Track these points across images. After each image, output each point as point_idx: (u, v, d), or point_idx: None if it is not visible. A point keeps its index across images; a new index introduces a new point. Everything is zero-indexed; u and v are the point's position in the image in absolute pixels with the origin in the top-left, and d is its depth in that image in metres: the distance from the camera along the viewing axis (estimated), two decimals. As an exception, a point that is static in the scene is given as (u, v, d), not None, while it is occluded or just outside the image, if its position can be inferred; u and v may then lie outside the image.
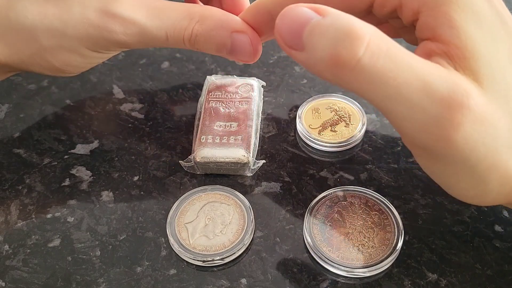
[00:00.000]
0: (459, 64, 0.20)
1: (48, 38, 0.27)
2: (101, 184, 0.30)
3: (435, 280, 0.25)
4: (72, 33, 0.27)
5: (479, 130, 0.19)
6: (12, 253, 0.27)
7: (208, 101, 0.32)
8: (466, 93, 0.19)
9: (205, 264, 0.26)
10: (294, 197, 0.29)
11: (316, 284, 0.25)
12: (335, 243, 0.26)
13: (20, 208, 0.29)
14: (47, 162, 0.31)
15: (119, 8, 0.26)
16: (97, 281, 0.25)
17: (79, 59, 0.28)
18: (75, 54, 0.28)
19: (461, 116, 0.19)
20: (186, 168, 0.30)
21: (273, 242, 0.27)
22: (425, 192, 0.29)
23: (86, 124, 0.34)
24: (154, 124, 0.34)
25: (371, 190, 0.28)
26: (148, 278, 0.26)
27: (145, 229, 0.28)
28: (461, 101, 0.18)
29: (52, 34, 0.27)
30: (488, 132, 0.19)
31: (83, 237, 0.27)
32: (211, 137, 0.30)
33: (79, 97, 0.36)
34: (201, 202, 0.28)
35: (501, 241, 0.27)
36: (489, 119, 0.19)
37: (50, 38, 0.27)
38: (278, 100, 0.35)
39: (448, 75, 0.19)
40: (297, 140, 0.32)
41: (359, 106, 0.33)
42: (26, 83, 0.37)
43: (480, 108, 0.19)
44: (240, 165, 0.29)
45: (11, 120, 0.34)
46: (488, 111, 0.19)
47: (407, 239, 0.27)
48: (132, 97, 0.35)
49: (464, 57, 0.19)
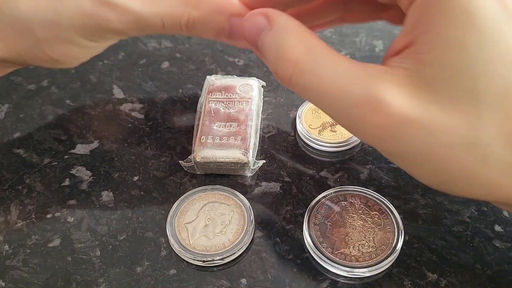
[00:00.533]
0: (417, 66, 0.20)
1: (43, 30, 0.27)
2: (101, 184, 0.30)
3: (435, 280, 0.25)
4: (67, 23, 0.26)
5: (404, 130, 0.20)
6: (12, 253, 0.27)
7: (208, 101, 0.32)
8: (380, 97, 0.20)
9: (205, 264, 0.26)
10: (294, 197, 0.29)
11: (316, 284, 0.25)
12: (335, 243, 0.26)
13: (20, 208, 0.29)
14: (47, 162, 0.31)
15: None
16: (97, 281, 0.25)
17: (76, 49, 0.28)
18: (71, 44, 0.27)
19: (377, 118, 0.20)
20: (186, 168, 0.30)
21: (273, 242, 0.27)
22: (425, 192, 0.29)
23: (86, 124, 0.34)
24: (154, 124, 0.34)
25: (371, 190, 0.28)
26: (148, 278, 0.26)
27: (145, 229, 0.28)
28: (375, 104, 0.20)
29: (47, 25, 0.26)
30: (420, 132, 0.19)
31: (83, 237, 0.27)
32: (211, 137, 0.30)
33: (79, 97, 0.36)
34: (201, 202, 0.28)
35: (501, 241, 0.27)
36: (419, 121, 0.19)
37: (45, 30, 0.27)
38: (278, 100, 0.35)
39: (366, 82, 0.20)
40: (297, 140, 0.32)
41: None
42: (26, 83, 0.37)
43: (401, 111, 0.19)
44: (240, 165, 0.29)
45: (11, 120, 0.34)
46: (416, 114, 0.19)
47: (407, 239, 0.27)
48: (132, 97, 0.35)
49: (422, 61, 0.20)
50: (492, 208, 0.28)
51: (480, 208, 0.28)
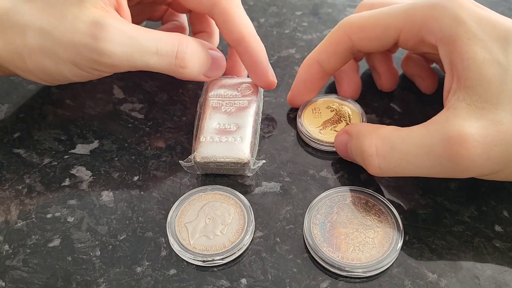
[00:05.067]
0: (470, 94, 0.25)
1: (35, 37, 0.28)
2: (101, 184, 0.30)
3: (435, 280, 0.25)
4: (59, 36, 0.27)
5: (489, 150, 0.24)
6: (12, 253, 0.27)
7: (208, 101, 0.32)
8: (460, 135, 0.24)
9: (205, 264, 0.26)
10: (294, 197, 0.29)
11: (316, 284, 0.25)
12: (335, 243, 0.26)
13: (20, 208, 0.29)
14: (47, 162, 0.31)
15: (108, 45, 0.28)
16: (97, 281, 0.25)
17: (52, 66, 0.29)
18: (51, 60, 0.28)
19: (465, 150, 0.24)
20: (186, 168, 0.30)
21: (273, 242, 0.27)
22: (425, 192, 0.29)
23: (86, 124, 0.34)
24: (154, 124, 0.34)
25: (371, 190, 0.28)
26: (148, 278, 0.26)
27: (145, 229, 0.28)
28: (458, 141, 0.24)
29: (40, 33, 0.27)
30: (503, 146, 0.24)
31: (83, 237, 0.27)
32: (211, 137, 0.30)
33: (79, 97, 0.36)
34: (201, 202, 0.28)
35: (501, 241, 0.27)
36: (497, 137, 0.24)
37: (36, 37, 0.28)
38: (278, 100, 0.35)
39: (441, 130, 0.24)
40: (297, 140, 0.32)
41: (359, 106, 0.33)
42: (26, 83, 0.37)
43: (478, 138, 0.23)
44: (240, 165, 0.29)
45: (11, 120, 0.34)
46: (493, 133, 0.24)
47: (407, 239, 0.27)
48: (132, 97, 0.35)
49: (473, 86, 0.25)
50: (492, 208, 0.28)
51: (480, 208, 0.28)
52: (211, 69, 0.32)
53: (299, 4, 0.44)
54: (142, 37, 0.28)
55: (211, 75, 0.32)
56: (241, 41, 0.31)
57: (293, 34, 0.41)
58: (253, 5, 0.44)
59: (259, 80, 0.32)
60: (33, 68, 0.29)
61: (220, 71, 0.33)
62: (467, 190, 0.29)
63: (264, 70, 0.32)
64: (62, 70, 0.29)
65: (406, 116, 0.34)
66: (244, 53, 0.32)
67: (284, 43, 0.40)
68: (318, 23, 0.42)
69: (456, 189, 0.29)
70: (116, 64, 0.28)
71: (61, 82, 0.31)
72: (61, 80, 0.30)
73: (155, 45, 0.29)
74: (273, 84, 0.32)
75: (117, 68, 0.29)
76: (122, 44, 0.28)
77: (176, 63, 0.30)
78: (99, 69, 0.29)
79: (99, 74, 0.30)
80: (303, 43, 0.40)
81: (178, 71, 0.30)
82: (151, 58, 0.29)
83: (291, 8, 0.44)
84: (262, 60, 0.32)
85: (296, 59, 0.38)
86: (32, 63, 0.28)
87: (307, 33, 0.41)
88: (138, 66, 0.29)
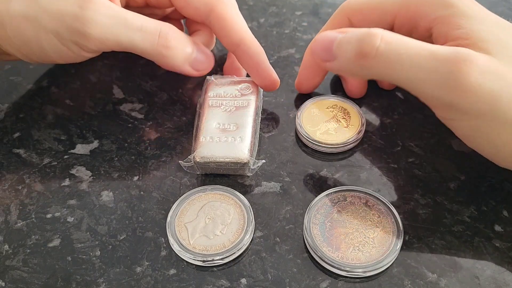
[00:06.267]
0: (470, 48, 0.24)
1: (20, 3, 0.28)
2: (101, 184, 0.30)
3: (435, 280, 0.25)
4: (45, 4, 0.28)
5: (490, 79, 0.23)
6: (12, 253, 0.27)
7: (207, 101, 0.32)
8: (468, 52, 0.24)
9: (205, 264, 0.26)
10: (294, 197, 0.29)
11: (316, 284, 0.25)
12: (335, 243, 0.26)
13: (20, 208, 0.29)
14: (47, 162, 0.31)
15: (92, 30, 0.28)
16: (97, 281, 0.25)
17: (33, 36, 0.29)
18: (33, 28, 0.28)
19: (467, 67, 0.23)
20: (186, 168, 0.30)
21: (273, 242, 0.27)
22: (425, 192, 0.29)
23: (86, 124, 0.34)
24: (154, 124, 0.34)
25: (371, 190, 0.28)
26: (148, 278, 0.26)
27: (145, 229, 0.28)
28: (464, 57, 0.23)
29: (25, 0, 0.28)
30: (502, 83, 0.23)
31: (83, 237, 0.27)
32: (211, 137, 0.30)
33: (79, 97, 0.36)
34: (201, 202, 0.28)
35: (501, 241, 0.27)
36: (499, 72, 0.24)
37: (22, 4, 0.28)
38: (278, 100, 0.35)
39: (451, 47, 0.24)
40: (297, 140, 0.32)
41: (359, 106, 0.33)
42: (26, 83, 0.37)
43: (485, 63, 0.23)
44: (240, 165, 0.29)
45: (11, 120, 0.34)
46: (496, 67, 0.24)
47: (407, 239, 0.27)
48: (132, 97, 0.35)
49: (473, 43, 0.25)
50: (492, 208, 0.28)
51: (480, 208, 0.28)
52: (197, 60, 0.32)
53: (299, 4, 0.44)
54: (128, 15, 0.29)
55: (198, 67, 0.32)
56: (240, 44, 0.31)
57: (293, 34, 0.41)
58: (253, 5, 0.44)
59: (262, 81, 0.32)
60: (13, 37, 0.29)
61: (208, 63, 0.33)
62: (467, 190, 0.29)
63: (267, 70, 0.32)
64: (42, 42, 0.29)
65: (406, 116, 0.34)
66: (244, 56, 0.32)
67: (284, 43, 0.40)
68: (318, 23, 0.42)
69: (456, 189, 0.29)
70: (99, 37, 0.28)
71: (40, 59, 0.31)
72: (39, 56, 0.30)
73: (140, 22, 0.29)
74: (277, 82, 0.32)
75: (99, 43, 0.29)
76: (108, 16, 0.28)
77: (159, 42, 0.30)
78: (81, 43, 0.29)
79: (79, 51, 0.29)
80: (303, 43, 0.40)
81: (162, 53, 0.30)
82: (136, 34, 0.29)
83: (291, 8, 0.44)
84: (263, 60, 0.32)
85: (296, 59, 0.38)
86: (13, 30, 0.28)
87: (307, 33, 0.41)
88: (122, 42, 0.29)
